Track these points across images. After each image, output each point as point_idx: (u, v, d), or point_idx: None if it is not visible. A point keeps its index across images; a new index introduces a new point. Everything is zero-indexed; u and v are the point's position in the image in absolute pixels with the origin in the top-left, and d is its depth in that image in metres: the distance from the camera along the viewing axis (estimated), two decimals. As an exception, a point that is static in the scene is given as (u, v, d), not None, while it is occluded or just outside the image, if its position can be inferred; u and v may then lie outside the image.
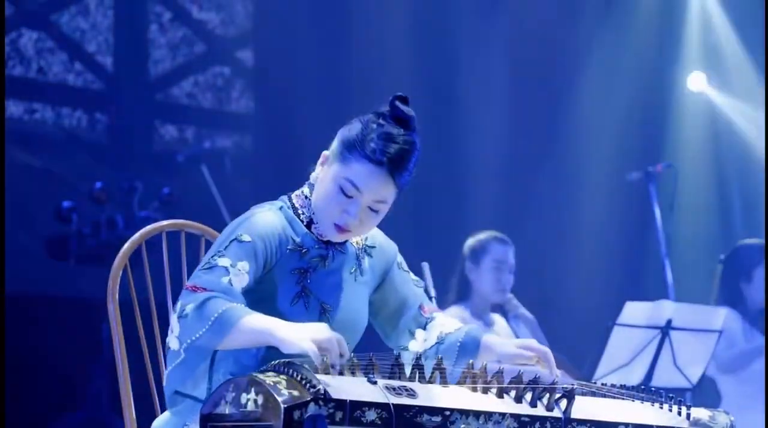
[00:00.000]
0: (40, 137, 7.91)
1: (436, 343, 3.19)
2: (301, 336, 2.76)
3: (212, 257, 2.93)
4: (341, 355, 2.77)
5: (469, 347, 3.15)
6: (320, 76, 8.24)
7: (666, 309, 5.55)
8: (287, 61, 8.25)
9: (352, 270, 3.12)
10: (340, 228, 3.01)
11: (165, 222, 3.43)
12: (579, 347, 6.34)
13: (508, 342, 3.19)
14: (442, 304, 5.33)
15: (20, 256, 6.78)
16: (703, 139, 8.91)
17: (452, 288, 5.77)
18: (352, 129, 3.03)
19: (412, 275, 3.28)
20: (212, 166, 7.64)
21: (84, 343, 6.94)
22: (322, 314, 3.03)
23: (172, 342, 2.88)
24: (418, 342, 3.20)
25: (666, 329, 5.49)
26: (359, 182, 2.98)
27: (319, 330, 2.79)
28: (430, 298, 3.55)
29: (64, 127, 8.20)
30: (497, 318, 5.88)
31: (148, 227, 3.38)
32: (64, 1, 8.28)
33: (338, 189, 2.99)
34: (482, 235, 5.85)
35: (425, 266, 3.66)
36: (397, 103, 3.03)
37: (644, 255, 8.11)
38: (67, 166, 7.74)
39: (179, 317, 2.84)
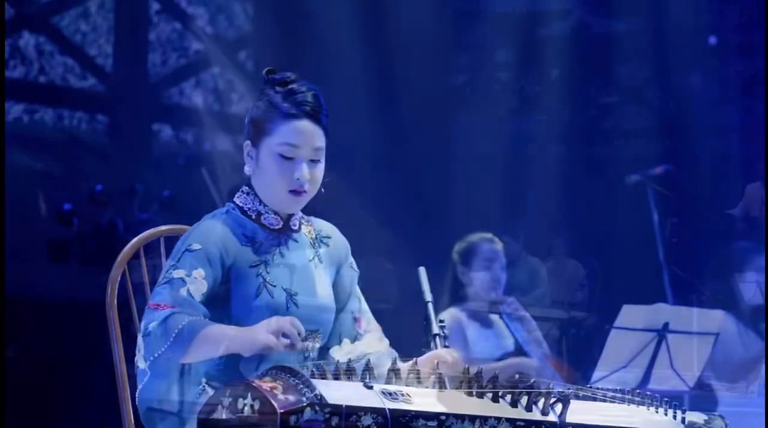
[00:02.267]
0: (41, 139, 7.93)
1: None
2: (256, 334, 2.84)
3: (167, 271, 2.99)
4: (300, 335, 2.85)
5: None
6: (321, 78, 8.25)
7: (663, 312, 5.56)
8: (288, 63, 8.25)
9: (311, 258, 3.17)
10: (296, 193, 3.10)
11: (164, 228, 3.45)
12: (576, 350, 6.35)
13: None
14: (438, 308, 5.34)
15: (21, 258, 6.79)
16: (704, 141, 8.91)
17: (446, 293, 5.81)
18: (258, 108, 3.15)
19: (357, 284, 3.32)
20: (212, 169, 7.66)
21: (84, 346, 6.95)
22: (289, 300, 3.07)
23: (139, 361, 2.94)
24: (342, 352, 3.24)
25: (663, 332, 5.50)
26: (294, 139, 3.09)
27: (271, 322, 2.86)
28: (426, 303, 3.57)
29: (65, 129, 8.21)
30: (495, 319, 5.90)
31: (146, 232, 3.40)
32: (65, 4, 8.30)
33: (278, 157, 3.09)
34: (470, 238, 5.91)
35: (422, 271, 3.67)
36: (272, 75, 3.18)
37: (642, 259, 8.12)
38: (67, 168, 7.75)
39: (143, 336, 2.91)
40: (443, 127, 8.62)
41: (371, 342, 3.26)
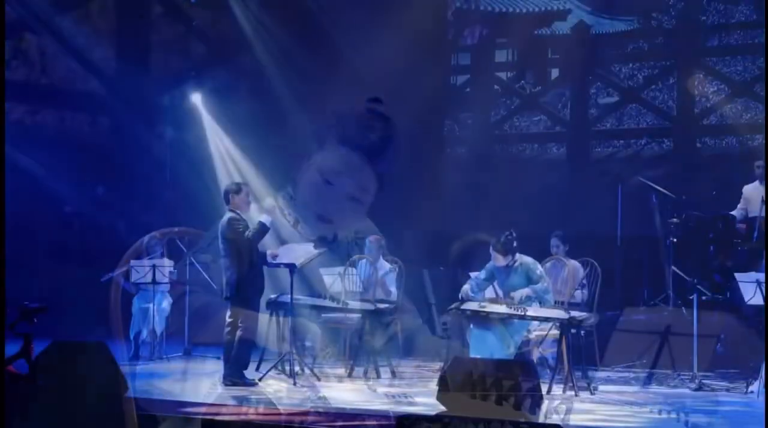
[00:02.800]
0: (42, 140, 7.93)
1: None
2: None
3: (194, 255, 3.02)
4: None
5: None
6: (321, 77, 8.26)
7: (665, 314, 5.58)
8: (288, 63, 8.26)
9: (344, 264, 3.20)
10: (322, 218, 3.13)
11: (165, 230, 3.47)
12: (576, 350, 6.35)
13: None
14: (440, 309, 5.37)
15: (21, 259, 6.79)
16: (701, 142, 8.92)
17: (448, 294, 5.83)
18: (330, 121, 3.16)
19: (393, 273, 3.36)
20: (214, 170, 7.65)
21: (84, 345, 6.93)
22: (313, 305, 3.10)
23: (148, 335, 2.99)
24: (376, 336, 3.27)
25: (665, 334, 5.51)
26: (338, 165, 3.10)
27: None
28: (430, 305, 3.60)
29: (67, 130, 8.21)
30: (496, 320, 5.91)
31: (148, 236, 3.43)
32: (68, 6, 8.30)
33: (319, 177, 3.11)
34: (471, 240, 5.94)
35: (425, 273, 3.70)
36: (372, 104, 3.17)
37: (642, 259, 8.13)
38: (68, 170, 7.75)
39: (161, 309, 2.94)
40: (443, 127, 8.62)
41: (402, 322, 3.30)
